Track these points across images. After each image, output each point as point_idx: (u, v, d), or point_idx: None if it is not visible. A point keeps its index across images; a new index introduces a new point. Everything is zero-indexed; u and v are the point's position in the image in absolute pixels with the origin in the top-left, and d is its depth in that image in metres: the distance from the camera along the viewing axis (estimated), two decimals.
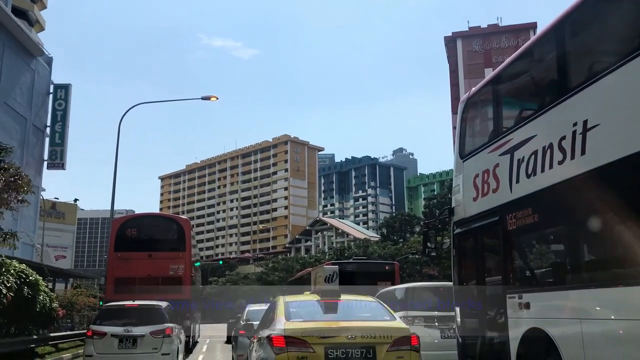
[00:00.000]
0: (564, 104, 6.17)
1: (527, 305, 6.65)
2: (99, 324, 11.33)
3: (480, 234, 8.13)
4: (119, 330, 10.94)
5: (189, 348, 17.50)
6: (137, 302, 12.32)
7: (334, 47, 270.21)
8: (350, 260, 21.20)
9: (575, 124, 5.89)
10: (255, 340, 7.73)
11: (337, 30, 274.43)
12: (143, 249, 18.67)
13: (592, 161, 5.63)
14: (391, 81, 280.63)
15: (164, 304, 12.30)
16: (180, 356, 12.32)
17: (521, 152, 6.99)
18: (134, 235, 19.33)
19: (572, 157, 5.93)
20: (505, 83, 8.03)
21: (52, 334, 16.82)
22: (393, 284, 21.04)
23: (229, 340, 22.45)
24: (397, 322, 6.76)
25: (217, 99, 26.76)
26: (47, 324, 15.94)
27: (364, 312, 7.13)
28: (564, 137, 6.08)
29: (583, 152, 5.77)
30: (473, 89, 8.96)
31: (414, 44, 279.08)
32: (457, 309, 8.65)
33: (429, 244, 9.48)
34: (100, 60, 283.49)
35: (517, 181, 7.06)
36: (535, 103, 7.25)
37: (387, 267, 23.89)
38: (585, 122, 5.76)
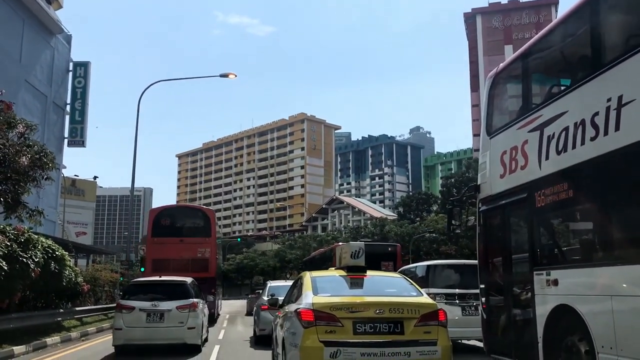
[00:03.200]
0: (598, 79, 6.04)
1: (555, 282, 6.62)
2: (128, 298, 11.48)
3: (507, 211, 8.06)
4: (147, 304, 11.13)
5: (214, 319, 19.09)
6: (164, 278, 12.66)
7: (350, 24, 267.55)
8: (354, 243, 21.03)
9: (609, 100, 5.77)
10: (281, 315, 7.73)
11: (353, 7, 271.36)
12: (175, 235, 21.27)
13: (626, 137, 5.52)
14: (408, 59, 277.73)
15: (189, 279, 12.49)
16: (205, 329, 12.58)
17: (551, 128, 6.88)
18: (168, 224, 21.99)
19: (606, 133, 5.82)
20: (535, 58, 7.88)
21: (77, 308, 17.22)
22: (395, 264, 21.59)
23: (249, 314, 24.24)
24: (424, 297, 6.73)
25: (236, 76, 26.88)
26: (72, 298, 16.29)
27: (391, 288, 7.10)
28: (597, 113, 5.96)
29: (617, 128, 5.65)
30: (501, 64, 8.81)
31: (432, 20, 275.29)
32: (482, 286, 8.64)
33: (453, 222, 9.43)
34: (116, 39, 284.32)
35: (547, 158, 6.97)
36: (567, 79, 7.12)
37: (389, 249, 25.82)
38: (620, 98, 5.63)
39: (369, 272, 7.33)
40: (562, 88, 6.94)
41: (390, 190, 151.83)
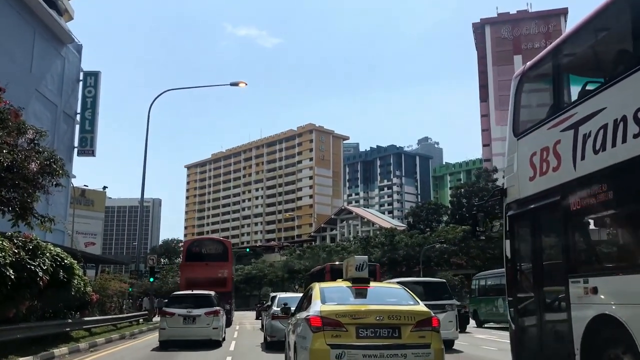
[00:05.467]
0: None
1: (595, 290, 6.19)
2: (169, 306, 15.77)
3: (538, 214, 7.65)
4: (183, 311, 15.16)
5: (230, 323, 24.76)
6: (195, 292, 16.97)
7: (357, 35, 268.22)
8: (338, 263, 26.33)
9: None
10: (292, 322, 8.49)
11: (360, 18, 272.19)
12: (202, 260, 28.32)
13: None
14: (416, 69, 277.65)
15: (212, 293, 16.84)
16: (223, 330, 16.53)
17: (587, 126, 6.49)
18: (197, 251, 29.71)
19: None
20: (567, 54, 7.50)
21: (86, 318, 16.88)
22: (375, 281, 21.54)
23: (258, 316, 32.28)
24: (420, 306, 7.35)
25: (246, 84, 27.05)
26: (81, 308, 15.95)
27: (391, 298, 7.77)
28: None
29: None
30: (528, 63, 8.43)
31: (440, 31, 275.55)
32: (511, 295, 8.20)
33: (478, 228, 9.03)
34: (126, 50, 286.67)
35: (582, 158, 6.56)
36: (603, 74, 6.73)
37: (370, 267, 26.68)
38: None
39: (372, 284, 8.18)
40: (599, 84, 6.54)
41: (398, 201, 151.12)
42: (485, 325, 26.25)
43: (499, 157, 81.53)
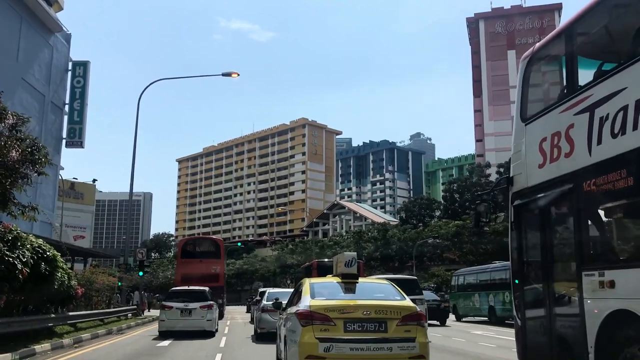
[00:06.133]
0: None
1: (612, 284, 5.75)
2: (167, 300, 17.40)
3: (548, 204, 7.19)
4: (180, 305, 16.76)
5: (222, 315, 26.58)
6: (190, 288, 18.76)
7: (351, 30, 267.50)
8: (326, 260, 27.59)
9: None
10: (284, 317, 8.72)
11: (354, 13, 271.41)
12: (197, 257, 30.93)
13: None
14: (409, 65, 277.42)
15: (206, 288, 18.60)
16: (216, 322, 18.19)
17: (605, 108, 6.03)
18: (191, 249, 32.40)
19: None
20: (581, 33, 7.03)
21: (71, 313, 16.32)
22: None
23: (248, 309, 34.23)
24: (406, 301, 7.48)
25: (238, 75, 26.61)
26: (65, 302, 15.39)
27: (378, 293, 7.95)
28: None
29: None
30: (537, 44, 7.96)
31: (433, 26, 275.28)
32: (517, 289, 7.75)
33: (482, 219, 8.56)
34: (117, 43, 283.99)
35: (599, 142, 6.10)
36: (623, 52, 6.26)
37: None
38: None
39: (361, 279, 8.40)
40: (619, 63, 6.07)
41: (391, 196, 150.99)
42: (464, 320, 27.57)
43: (492, 152, 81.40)
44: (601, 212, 6.42)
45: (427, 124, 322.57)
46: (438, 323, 22.52)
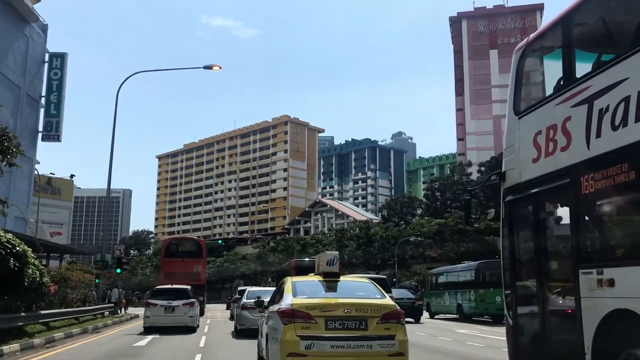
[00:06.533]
0: None
1: (611, 282, 5.50)
2: (152, 298, 18.46)
3: (542, 199, 6.94)
4: (164, 302, 17.78)
5: (203, 312, 27.78)
6: (174, 286, 19.64)
7: (334, 28, 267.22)
8: (306, 259, 28.47)
9: None
10: (265, 314, 8.81)
11: (337, 11, 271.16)
12: (179, 256, 32.35)
13: None
14: (391, 64, 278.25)
15: (188, 287, 19.61)
16: (198, 318, 19.35)
17: (604, 100, 5.77)
18: (175, 249, 33.75)
19: None
20: (580, 22, 6.77)
21: (43, 312, 15.73)
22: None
23: (228, 307, 35.76)
24: (386, 299, 7.63)
25: (220, 68, 26.38)
26: (37, 300, 14.80)
27: (359, 291, 8.05)
28: None
29: None
30: (532, 34, 7.69)
31: (415, 26, 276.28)
32: (509, 288, 7.49)
33: (472, 215, 8.27)
34: (97, 37, 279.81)
35: (598, 135, 5.85)
36: (624, 41, 6.01)
37: None
38: None
39: (342, 278, 8.54)
40: (620, 52, 5.82)
41: (373, 194, 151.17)
42: (436, 317, 29.01)
43: (473, 151, 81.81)
44: (600, 208, 6.17)
45: (408, 123, 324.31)
46: (412, 320, 23.39)
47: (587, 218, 6.23)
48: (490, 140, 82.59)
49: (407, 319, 17.09)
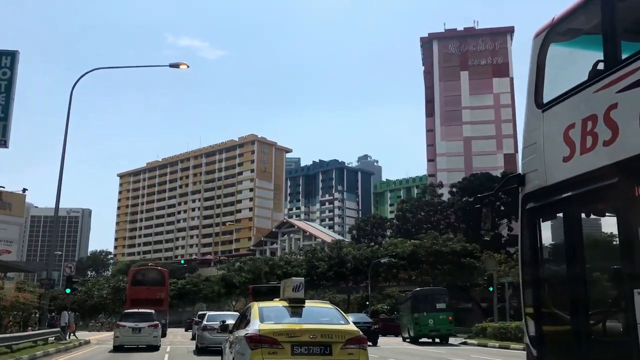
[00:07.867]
0: None
1: None
2: (121, 320, 21.40)
3: (577, 205, 5.79)
4: (132, 324, 20.47)
5: (165, 333, 29.97)
6: (140, 310, 22.60)
7: (301, 52, 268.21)
8: (265, 284, 31.15)
9: None
10: (231, 339, 8.92)
11: (304, 35, 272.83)
12: (144, 284, 36.31)
13: None
14: (359, 88, 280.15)
15: (152, 311, 22.59)
16: (160, 338, 22.16)
17: None
18: (140, 278, 37.86)
19: None
20: None
21: (4, 335, 13.66)
22: None
23: (188, 328, 42.15)
24: (350, 325, 7.91)
25: (188, 66, 26.01)
26: None
27: (324, 317, 8.27)
28: None
29: None
30: (556, 16, 6.64)
31: (384, 49, 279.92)
32: (532, 316, 6.22)
33: (483, 225, 7.07)
34: (60, 53, 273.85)
35: None
36: None
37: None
38: None
39: (307, 303, 8.62)
40: None
41: (340, 216, 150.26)
42: (407, 340, 31.34)
43: (443, 172, 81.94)
44: None
45: (374, 147, 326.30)
46: (371, 344, 24.46)
47: None
48: (461, 161, 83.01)
49: None
